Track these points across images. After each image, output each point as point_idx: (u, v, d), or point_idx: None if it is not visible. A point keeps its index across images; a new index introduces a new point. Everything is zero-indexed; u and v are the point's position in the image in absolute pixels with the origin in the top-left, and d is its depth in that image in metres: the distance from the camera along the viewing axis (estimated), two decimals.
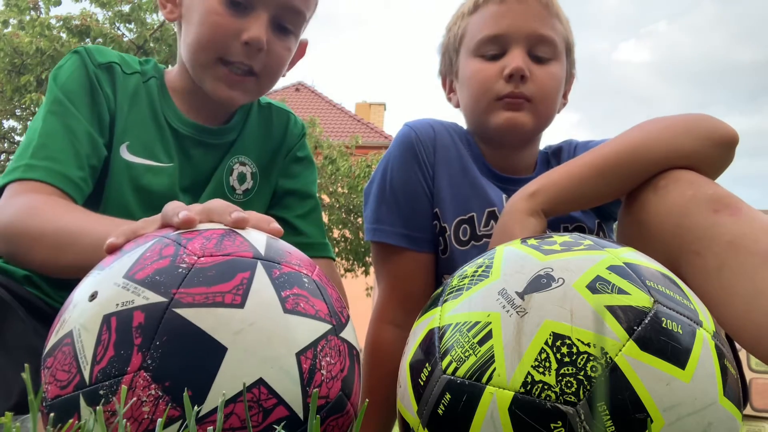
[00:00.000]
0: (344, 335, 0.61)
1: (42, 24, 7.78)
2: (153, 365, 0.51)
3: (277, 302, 0.56)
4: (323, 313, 0.59)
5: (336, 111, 15.95)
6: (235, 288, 0.55)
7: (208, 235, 0.60)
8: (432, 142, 1.08)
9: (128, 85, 1.04)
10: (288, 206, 1.15)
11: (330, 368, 0.57)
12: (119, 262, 0.58)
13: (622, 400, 0.50)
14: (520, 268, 0.60)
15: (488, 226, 1.04)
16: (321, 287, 0.62)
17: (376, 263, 1.12)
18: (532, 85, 1.03)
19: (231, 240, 0.60)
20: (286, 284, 0.58)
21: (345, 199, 8.40)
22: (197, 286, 0.54)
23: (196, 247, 0.58)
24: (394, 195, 1.06)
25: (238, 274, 0.56)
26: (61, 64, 1.02)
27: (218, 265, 0.56)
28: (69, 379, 0.53)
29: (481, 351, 0.55)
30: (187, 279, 0.54)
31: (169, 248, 0.58)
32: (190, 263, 0.56)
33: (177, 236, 0.60)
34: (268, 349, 0.54)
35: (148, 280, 0.55)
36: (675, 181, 0.87)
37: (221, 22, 0.98)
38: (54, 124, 0.95)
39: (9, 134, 9.28)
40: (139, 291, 0.54)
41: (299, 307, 0.57)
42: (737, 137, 0.92)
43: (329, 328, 0.59)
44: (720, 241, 0.80)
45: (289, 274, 0.59)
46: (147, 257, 0.57)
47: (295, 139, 1.18)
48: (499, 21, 1.05)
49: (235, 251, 0.58)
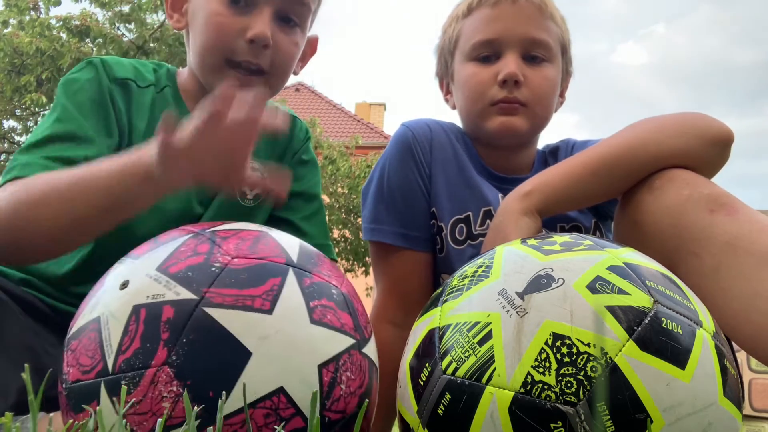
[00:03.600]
0: (366, 351, 0.61)
1: (42, 24, 7.78)
2: (177, 362, 0.51)
3: (304, 311, 0.56)
4: (348, 327, 0.59)
5: (336, 111, 15.95)
6: (265, 293, 0.55)
7: (243, 235, 0.60)
8: (428, 142, 1.08)
9: (144, 101, 1.03)
10: (293, 208, 1.15)
11: (350, 383, 0.57)
12: (153, 253, 0.58)
13: (622, 400, 0.50)
14: (520, 268, 0.60)
15: (484, 226, 1.05)
16: (348, 300, 0.62)
17: (374, 263, 1.12)
18: (527, 89, 1.03)
19: (265, 243, 0.60)
20: (315, 294, 0.58)
21: (345, 199, 8.40)
22: (228, 287, 0.54)
23: (231, 247, 0.58)
24: (392, 195, 1.07)
25: (270, 279, 0.56)
26: (74, 72, 1.00)
27: (251, 268, 0.56)
28: (92, 365, 0.53)
29: (481, 351, 0.55)
30: (219, 279, 0.55)
31: (204, 245, 0.58)
32: (224, 263, 0.56)
33: (212, 234, 0.60)
34: (292, 359, 0.54)
35: (181, 275, 0.55)
36: (670, 181, 0.87)
37: (224, 21, 0.98)
38: (58, 128, 0.93)
39: (9, 134, 9.27)
40: (171, 285, 0.54)
41: (326, 319, 0.57)
42: (732, 136, 0.91)
43: (353, 343, 0.59)
44: (717, 242, 0.80)
45: (319, 285, 0.59)
46: (181, 252, 0.57)
47: (299, 143, 1.18)
48: (492, 25, 1.05)
49: (268, 255, 0.58)
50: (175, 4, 1.07)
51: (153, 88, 1.05)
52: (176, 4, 1.07)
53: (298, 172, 1.17)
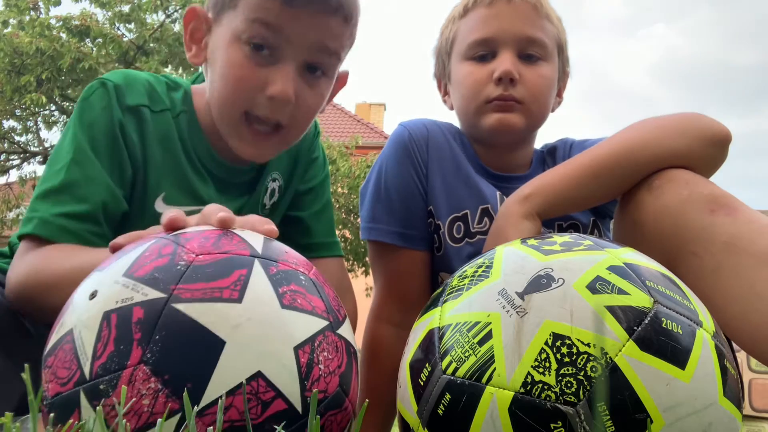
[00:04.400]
0: (341, 332, 0.62)
1: (42, 24, 7.79)
2: (152, 359, 0.51)
3: (274, 297, 0.57)
4: (320, 310, 0.60)
5: (336, 111, 15.95)
6: (232, 284, 0.56)
7: (206, 235, 0.61)
8: (425, 141, 1.08)
9: (158, 129, 0.97)
10: (302, 205, 1.15)
11: (328, 363, 0.58)
12: (118, 262, 0.59)
13: (622, 400, 0.50)
14: (520, 268, 0.60)
15: (482, 224, 1.05)
16: (318, 285, 0.63)
17: (372, 262, 1.13)
18: (522, 87, 1.04)
19: (228, 239, 0.61)
20: (283, 281, 0.58)
21: (345, 199, 8.40)
22: (196, 282, 0.55)
23: (194, 246, 0.59)
24: (389, 194, 1.07)
25: (236, 270, 0.57)
26: (87, 96, 0.94)
27: (216, 262, 0.57)
28: (69, 375, 0.53)
29: (481, 351, 0.55)
30: (185, 275, 0.55)
31: (168, 247, 0.59)
32: (189, 260, 0.57)
33: (175, 236, 0.61)
34: (266, 343, 0.54)
35: (148, 277, 0.56)
36: (670, 181, 0.87)
37: (245, 75, 0.91)
38: (74, 174, 0.90)
39: (9, 134, 9.27)
40: (139, 288, 0.55)
41: (296, 303, 0.58)
42: (730, 135, 0.92)
43: (326, 324, 0.59)
44: (717, 242, 0.80)
45: (286, 272, 0.60)
46: (146, 256, 0.58)
47: (310, 141, 1.16)
48: (487, 24, 1.06)
49: (233, 250, 0.59)
50: (193, 36, 0.99)
51: (169, 114, 0.99)
52: (195, 35, 0.99)
53: (310, 172, 1.16)
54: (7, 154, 9.50)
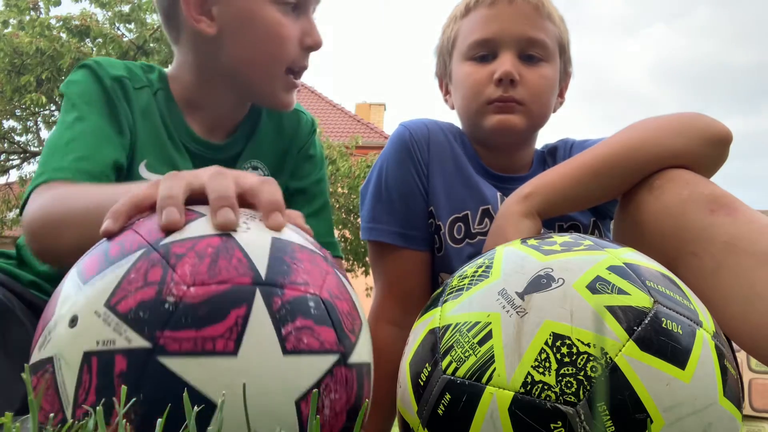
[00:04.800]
0: (353, 359, 0.55)
1: (42, 24, 7.79)
2: (136, 419, 0.47)
3: (275, 344, 0.50)
4: (330, 343, 0.53)
5: (336, 111, 15.95)
6: (228, 330, 0.49)
7: (201, 248, 0.52)
8: (426, 141, 1.08)
9: (140, 100, 1.01)
10: (298, 205, 1.14)
11: (334, 405, 0.53)
12: (102, 280, 0.52)
13: (622, 400, 0.50)
14: (520, 268, 0.60)
15: (482, 224, 1.05)
16: (330, 307, 0.55)
17: (372, 262, 1.13)
18: (523, 89, 1.04)
19: (227, 256, 0.52)
20: (288, 316, 0.51)
21: (345, 199, 8.40)
22: (185, 328, 0.48)
23: (186, 271, 0.51)
24: (390, 194, 1.07)
25: (233, 310, 0.49)
26: (72, 77, 0.98)
27: (210, 299, 0.50)
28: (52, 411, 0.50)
29: (481, 351, 0.55)
30: (173, 318, 0.49)
31: (156, 270, 0.51)
32: (178, 296, 0.49)
33: (166, 249, 0.53)
34: (264, 401, 0.49)
35: (131, 315, 0.49)
36: (670, 181, 0.87)
37: (288, 32, 0.99)
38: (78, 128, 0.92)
39: (9, 134, 9.28)
40: (121, 329, 0.49)
41: (302, 344, 0.51)
42: (731, 135, 0.92)
43: (336, 360, 0.53)
44: (717, 242, 0.80)
45: (293, 302, 0.52)
46: (132, 279, 0.51)
47: (305, 137, 1.16)
48: (489, 24, 1.06)
49: (232, 276, 0.51)
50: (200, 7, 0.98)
51: (148, 90, 1.02)
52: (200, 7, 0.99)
53: (303, 168, 1.16)
54: (7, 154, 9.50)
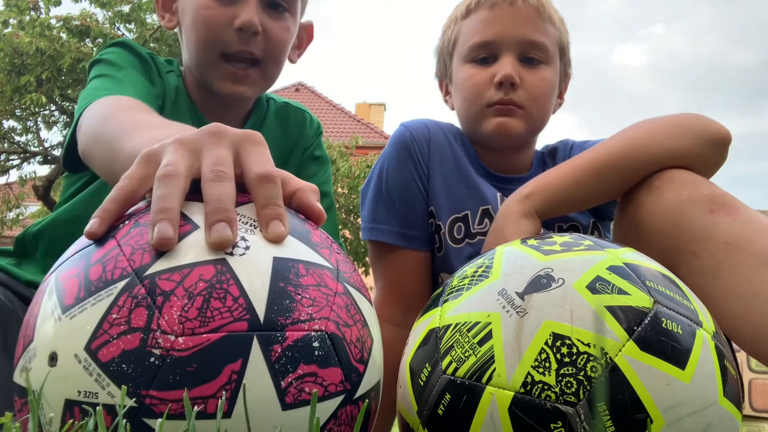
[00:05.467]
0: (361, 391, 0.51)
1: (42, 24, 7.78)
2: None
3: (274, 399, 0.45)
4: (335, 384, 0.49)
5: (336, 111, 15.95)
6: (221, 389, 0.44)
7: (191, 283, 0.46)
8: (426, 142, 1.09)
9: (170, 81, 1.05)
10: None
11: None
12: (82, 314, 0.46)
13: (622, 400, 0.50)
14: (520, 268, 0.60)
15: (482, 224, 1.05)
16: (337, 341, 0.49)
17: (373, 262, 1.13)
18: (523, 92, 1.04)
19: (221, 295, 0.46)
20: (288, 365, 0.46)
21: (345, 199, 8.40)
22: (173, 388, 0.44)
23: (174, 316, 0.45)
24: (390, 194, 1.07)
25: (227, 366, 0.44)
26: (107, 50, 1.01)
27: (201, 352, 0.44)
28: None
29: (481, 351, 0.55)
30: (160, 375, 0.44)
31: (141, 313, 0.45)
32: (165, 348, 0.44)
33: (152, 283, 0.46)
34: None
35: (114, 368, 0.44)
36: (669, 181, 0.87)
37: (212, 14, 0.98)
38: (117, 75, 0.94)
39: (9, 134, 9.27)
40: (103, 381, 0.44)
41: (303, 394, 0.47)
42: (730, 136, 0.92)
43: (341, 400, 0.49)
44: (717, 242, 0.80)
45: (294, 347, 0.47)
46: (113, 321, 0.45)
47: (311, 139, 1.18)
48: (489, 27, 1.06)
49: (226, 321, 0.45)
50: (165, 4, 1.08)
51: (173, 74, 1.07)
52: (167, 4, 1.08)
53: (309, 169, 1.16)
54: (7, 154, 9.49)
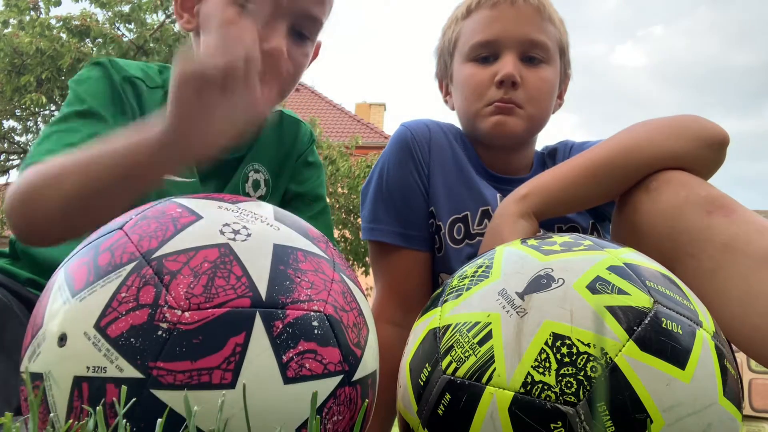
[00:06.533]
0: (358, 374, 0.54)
1: (42, 24, 7.78)
2: None
3: (276, 373, 0.48)
4: (334, 364, 0.51)
5: (336, 111, 15.95)
6: (225, 361, 0.47)
7: (197, 264, 0.49)
8: (427, 142, 1.09)
9: (155, 100, 1.03)
10: (297, 209, 1.15)
11: (337, 427, 0.52)
12: (91, 295, 0.49)
13: (622, 400, 0.50)
14: (520, 268, 0.60)
15: (482, 225, 1.05)
16: (335, 323, 0.52)
17: (373, 262, 1.13)
18: (523, 91, 1.04)
19: (225, 274, 0.49)
20: (289, 341, 0.49)
21: (345, 199, 8.40)
22: (179, 360, 0.46)
23: (181, 293, 0.48)
24: (390, 194, 1.07)
25: (231, 338, 0.47)
26: (82, 73, 1.00)
27: (207, 326, 0.47)
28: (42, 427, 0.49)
29: (481, 351, 0.55)
30: (167, 348, 0.46)
31: (149, 289, 0.48)
32: (172, 322, 0.47)
33: (159, 264, 0.49)
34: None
35: (123, 342, 0.47)
36: (667, 183, 0.87)
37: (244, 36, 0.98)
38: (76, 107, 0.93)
39: (9, 134, 9.27)
40: (112, 356, 0.47)
41: (304, 370, 0.49)
42: (728, 138, 0.92)
43: (340, 380, 0.52)
44: (714, 243, 0.80)
45: (295, 323, 0.50)
46: (122, 298, 0.48)
47: (304, 146, 1.19)
48: (490, 26, 1.06)
49: (230, 298, 0.48)
50: (185, 4, 1.06)
51: (161, 91, 1.04)
52: (186, 3, 1.06)
53: (303, 174, 1.17)
54: (7, 154, 9.50)
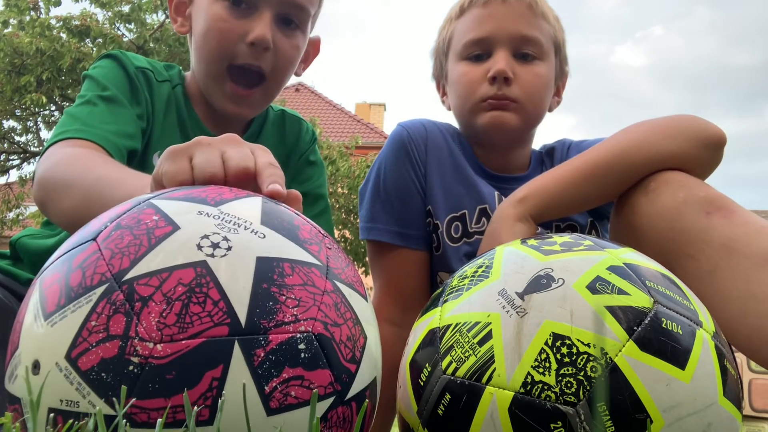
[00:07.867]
0: (353, 391, 0.51)
1: (42, 24, 7.78)
2: None
3: (258, 405, 0.44)
4: (324, 386, 0.48)
5: (336, 111, 15.95)
6: (201, 397, 0.43)
7: (170, 287, 0.45)
8: (424, 141, 1.09)
9: (162, 93, 1.05)
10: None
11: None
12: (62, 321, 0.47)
13: (622, 400, 0.50)
14: (520, 268, 0.60)
15: (480, 224, 1.05)
16: (324, 342, 0.48)
17: (371, 262, 1.13)
18: (517, 87, 1.04)
19: (201, 299, 0.45)
20: (272, 370, 0.45)
21: (345, 199, 8.40)
22: (153, 397, 0.43)
23: (152, 323, 0.44)
24: (388, 194, 1.08)
25: (207, 373, 0.44)
26: (99, 64, 1.01)
27: (180, 359, 0.44)
28: None
29: (481, 351, 0.55)
30: (139, 384, 0.43)
31: (119, 319, 0.45)
32: (144, 356, 0.44)
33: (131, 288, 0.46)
34: None
35: (93, 376, 0.44)
36: (665, 183, 0.87)
37: (226, 27, 0.99)
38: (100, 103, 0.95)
39: (9, 134, 9.27)
40: (84, 390, 0.45)
41: (290, 399, 0.46)
42: (725, 138, 0.92)
43: (332, 402, 0.48)
44: (713, 244, 0.80)
45: (278, 349, 0.46)
46: (92, 328, 0.45)
47: (306, 145, 1.20)
48: (483, 24, 1.07)
49: (206, 327, 0.44)
50: (178, 8, 1.08)
51: (169, 84, 1.07)
52: (179, 8, 1.08)
53: (304, 173, 1.18)
54: (7, 154, 9.50)
